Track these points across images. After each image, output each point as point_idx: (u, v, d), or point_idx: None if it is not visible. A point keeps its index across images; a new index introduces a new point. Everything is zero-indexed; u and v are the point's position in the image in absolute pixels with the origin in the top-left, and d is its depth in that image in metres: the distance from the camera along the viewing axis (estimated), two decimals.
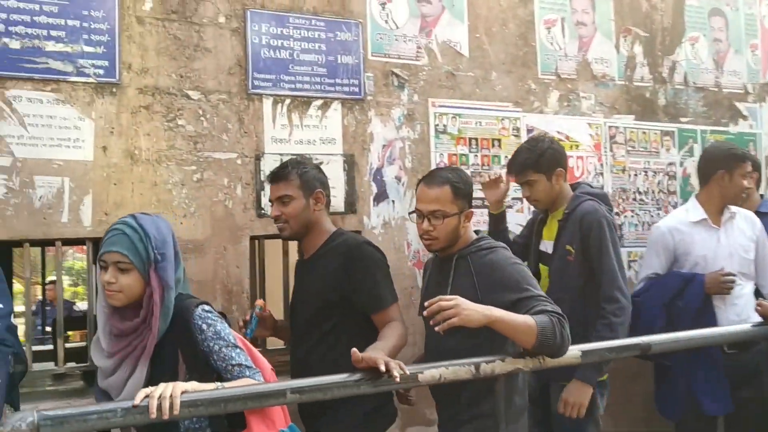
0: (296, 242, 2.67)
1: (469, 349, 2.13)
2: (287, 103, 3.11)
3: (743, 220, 3.21)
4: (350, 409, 2.33)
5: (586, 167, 3.79)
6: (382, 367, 1.88)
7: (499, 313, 2.03)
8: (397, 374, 1.89)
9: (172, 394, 1.65)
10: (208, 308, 2.02)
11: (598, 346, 2.51)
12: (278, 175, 2.52)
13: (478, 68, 3.56)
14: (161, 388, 1.67)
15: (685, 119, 4.14)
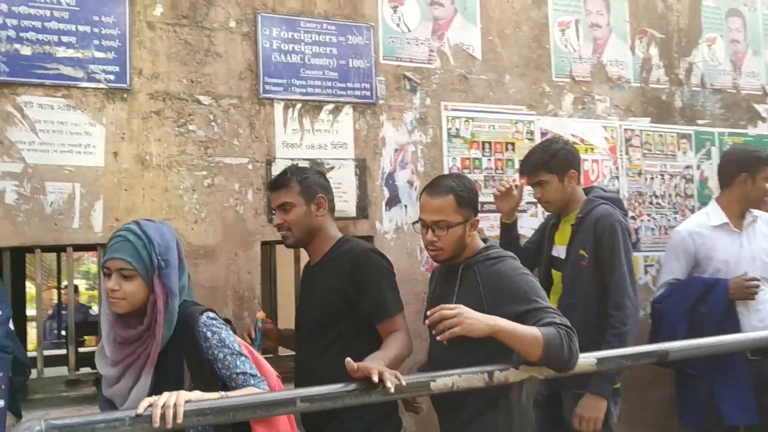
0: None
1: (471, 360, 2.04)
2: (298, 107, 3.09)
3: (765, 223, 3.16)
4: (355, 418, 2.28)
5: (601, 171, 3.74)
6: (375, 377, 1.81)
7: (503, 323, 1.96)
8: (390, 385, 1.82)
9: (176, 402, 1.62)
10: (212, 315, 1.99)
11: (614, 353, 2.45)
12: (278, 182, 2.49)
13: (491, 71, 3.52)
14: (165, 397, 1.65)
15: (702, 121, 4.08)
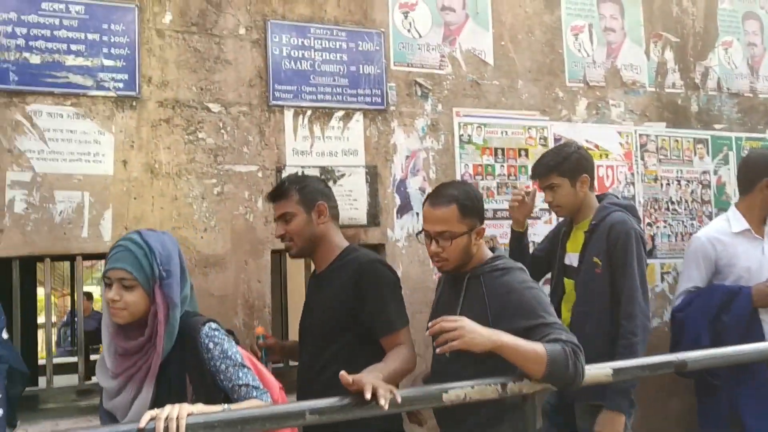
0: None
1: (474, 374, 1.96)
2: (308, 114, 3.06)
3: None
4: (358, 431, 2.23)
5: (616, 177, 3.69)
6: (367, 394, 1.73)
7: (506, 338, 1.90)
8: (384, 402, 1.74)
9: (178, 415, 1.59)
10: (215, 326, 1.96)
11: (630, 363, 2.39)
12: (276, 193, 2.46)
13: (503, 77, 3.48)
14: (167, 410, 1.62)
15: (719, 126, 4.01)
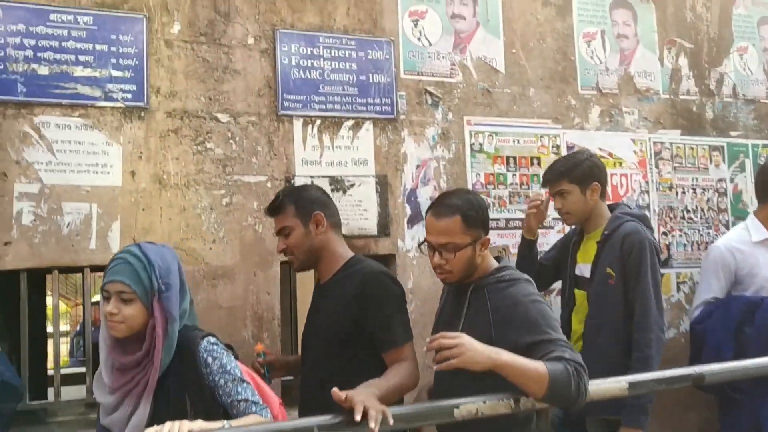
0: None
1: (475, 392, 1.89)
2: (318, 123, 3.04)
3: None
4: None
5: (630, 185, 3.63)
6: (357, 415, 1.66)
7: (506, 357, 1.82)
8: (374, 425, 1.66)
9: None
10: (213, 340, 1.94)
11: (646, 377, 2.34)
12: (273, 208, 2.41)
13: (515, 84, 3.44)
14: (167, 426, 1.58)
15: (735, 133, 3.95)
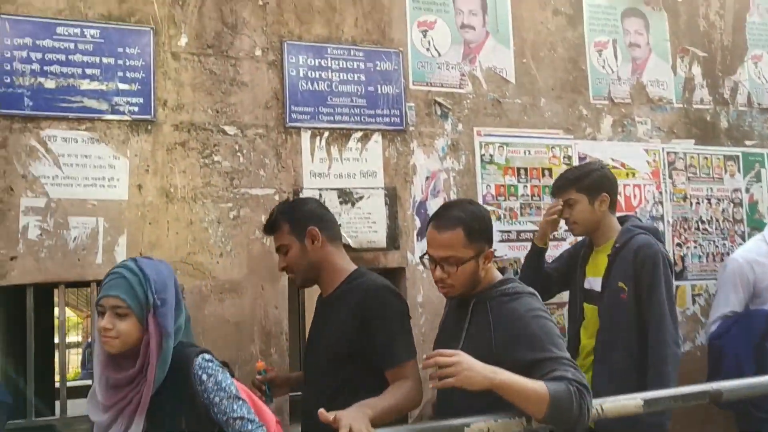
0: None
1: (477, 405, 1.84)
2: (326, 135, 3.01)
3: None
4: None
5: (644, 196, 3.57)
6: None
7: (505, 377, 1.76)
8: None
9: None
10: (208, 357, 1.91)
11: (662, 394, 2.28)
12: (268, 227, 2.38)
13: (525, 95, 3.40)
14: None
15: (750, 142, 3.89)
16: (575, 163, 3.40)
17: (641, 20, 3.72)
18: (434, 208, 3.08)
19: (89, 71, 2.68)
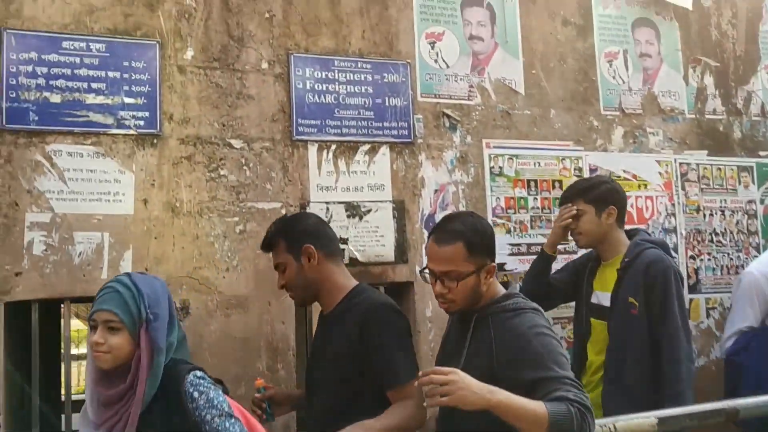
0: None
1: (477, 428, 1.80)
2: (333, 149, 2.98)
3: None
4: None
5: (656, 208, 3.52)
6: None
7: (502, 396, 1.70)
8: None
9: None
10: (200, 374, 1.89)
11: (676, 412, 2.23)
12: (265, 244, 2.34)
13: (535, 106, 3.36)
14: None
15: (764, 153, 3.84)
16: (586, 175, 3.36)
17: (652, 30, 3.68)
18: None
19: (95, 85, 2.66)
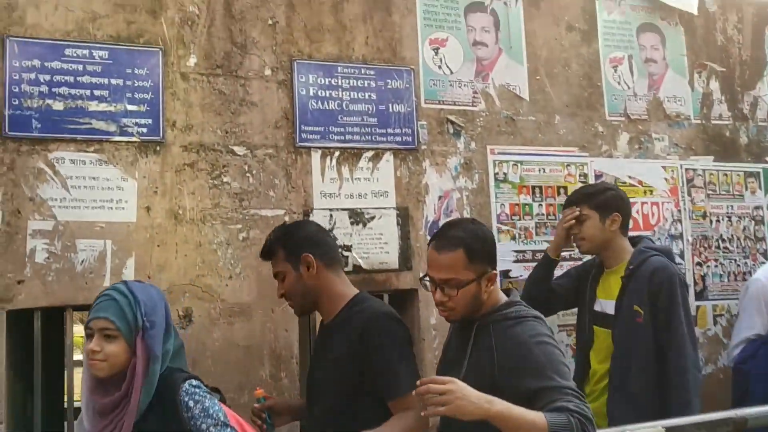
0: None
1: (480, 427, 1.73)
2: (336, 155, 2.97)
3: None
4: None
5: (662, 214, 3.50)
6: None
7: (501, 407, 1.66)
8: None
9: None
10: (196, 383, 1.88)
11: (683, 421, 2.19)
12: (263, 253, 2.32)
13: (539, 112, 3.34)
14: None
15: None
16: (591, 181, 3.34)
17: (657, 35, 3.66)
18: None
19: (98, 93, 2.65)
